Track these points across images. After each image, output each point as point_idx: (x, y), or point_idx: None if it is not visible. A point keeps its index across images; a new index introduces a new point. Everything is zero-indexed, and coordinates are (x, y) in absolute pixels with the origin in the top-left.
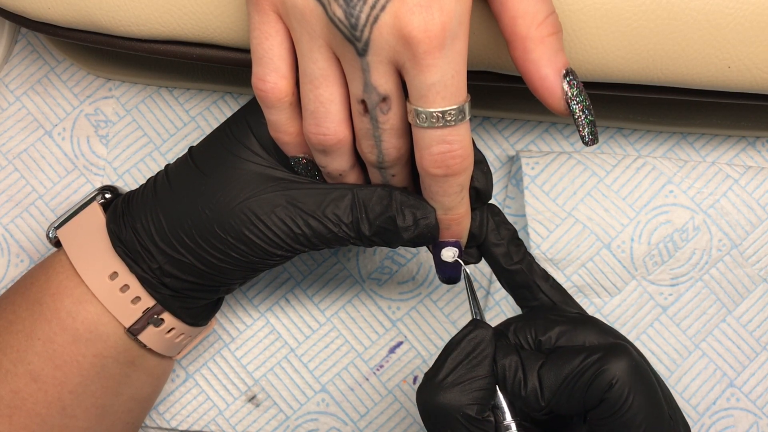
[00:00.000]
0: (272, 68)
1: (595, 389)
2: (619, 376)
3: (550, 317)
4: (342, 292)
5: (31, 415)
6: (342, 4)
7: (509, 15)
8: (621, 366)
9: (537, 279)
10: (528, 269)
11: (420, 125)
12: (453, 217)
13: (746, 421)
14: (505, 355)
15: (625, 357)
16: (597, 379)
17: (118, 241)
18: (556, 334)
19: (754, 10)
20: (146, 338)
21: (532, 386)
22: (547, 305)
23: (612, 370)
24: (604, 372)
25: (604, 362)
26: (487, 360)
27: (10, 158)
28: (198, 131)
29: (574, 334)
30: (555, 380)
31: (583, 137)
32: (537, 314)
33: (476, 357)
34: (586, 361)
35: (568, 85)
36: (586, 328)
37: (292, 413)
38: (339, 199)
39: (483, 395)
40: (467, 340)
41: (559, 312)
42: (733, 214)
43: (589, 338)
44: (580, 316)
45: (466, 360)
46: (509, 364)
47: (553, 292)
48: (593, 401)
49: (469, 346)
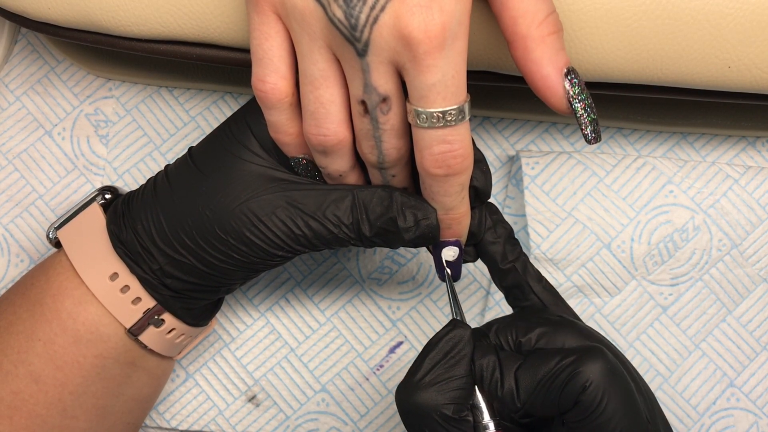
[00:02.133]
0: (272, 69)
1: (569, 391)
2: (593, 379)
3: (532, 319)
4: (342, 292)
5: (32, 416)
6: (342, 5)
7: (509, 14)
8: (595, 368)
9: (530, 280)
10: (522, 269)
11: (420, 125)
12: (453, 216)
13: (746, 421)
14: (483, 355)
15: (599, 359)
16: (571, 381)
17: (118, 241)
18: (536, 335)
19: (754, 10)
20: (147, 339)
21: (509, 387)
22: (537, 307)
23: (586, 372)
24: (578, 374)
25: (578, 364)
26: (464, 360)
27: (10, 158)
28: (198, 131)
29: (553, 336)
30: (531, 381)
31: (586, 135)
32: (521, 316)
33: (454, 357)
34: (560, 363)
35: (569, 83)
36: (566, 330)
37: (292, 413)
38: (339, 200)
39: (460, 395)
40: (445, 340)
41: (544, 314)
42: (733, 214)
43: (567, 340)
44: (561, 318)
45: (444, 360)
46: (487, 364)
47: (544, 294)
48: (567, 403)
49: (447, 346)
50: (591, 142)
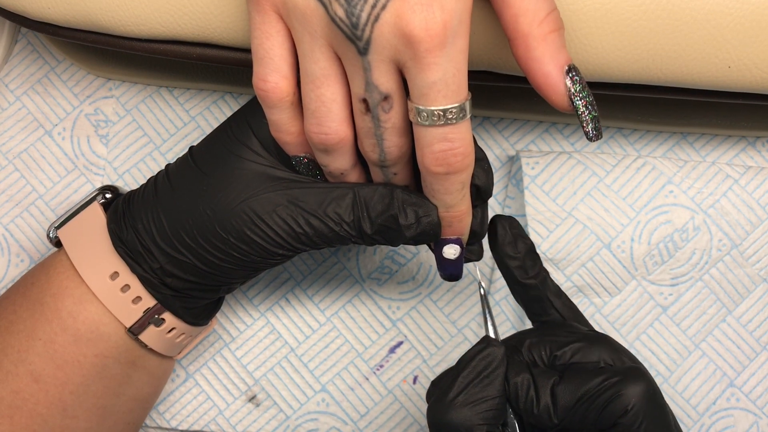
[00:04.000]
0: (273, 68)
1: (609, 412)
2: (635, 402)
3: (564, 333)
4: (342, 292)
5: (33, 416)
6: (343, 4)
7: (511, 13)
8: (638, 391)
9: (550, 295)
10: (542, 284)
11: (421, 123)
12: (454, 214)
13: (746, 421)
14: (517, 374)
15: (642, 382)
16: (613, 402)
17: (119, 241)
18: (570, 351)
19: (754, 10)
20: (147, 338)
21: (545, 404)
22: (558, 321)
23: (629, 395)
24: (621, 396)
25: (622, 386)
26: (498, 380)
27: (10, 158)
28: (198, 131)
29: (588, 351)
30: (570, 398)
31: (587, 133)
32: (550, 330)
33: (487, 376)
34: (604, 383)
35: (571, 81)
36: (600, 345)
37: (292, 413)
38: (340, 198)
39: (493, 415)
40: (479, 358)
41: (571, 329)
42: (733, 214)
43: (603, 356)
44: (593, 333)
45: (477, 379)
46: (521, 382)
47: (565, 309)
48: (606, 424)
49: (480, 365)
50: (592, 139)
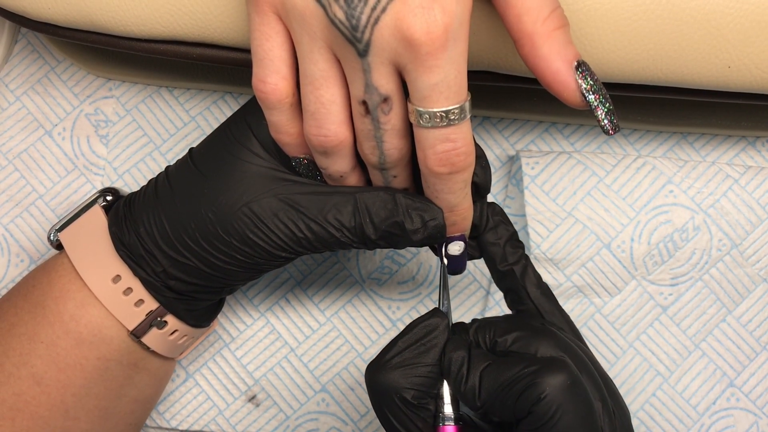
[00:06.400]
0: (273, 69)
1: (523, 400)
2: (549, 392)
3: (514, 322)
4: (342, 292)
5: (34, 418)
6: (343, 6)
7: (514, 13)
8: (554, 381)
9: (528, 284)
10: (520, 273)
11: (423, 125)
12: (458, 213)
13: (746, 421)
14: (455, 349)
15: (560, 373)
16: (527, 391)
17: (120, 244)
18: (512, 338)
19: (754, 10)
20: (149, 340)
21: (472, 384)
22: (531, 312)
23: (543, 384)
24: (535, 385)
25: (538, 375)
26: (435, 348)
27: (10, 158)
28: (198, 131)
29: (528, 342)
30: (493, 383)
31: (604, 126)
32: (508, 318)
33: (425, 344)
34: (522, 371)
35: (581, 76)
36: (542, 338)
37: (292, 413)
38: (341, 205)
39: (423, 382)
40: (421, 326)
41: (531, 320)
42: (733, 214)
43: (542, 349)
44: (542, 326)
45: (415, 345)
46: (456, 358)
47: (541, 300)
48: (522, 411)
49: (421, 332)
50: (609, 132)
